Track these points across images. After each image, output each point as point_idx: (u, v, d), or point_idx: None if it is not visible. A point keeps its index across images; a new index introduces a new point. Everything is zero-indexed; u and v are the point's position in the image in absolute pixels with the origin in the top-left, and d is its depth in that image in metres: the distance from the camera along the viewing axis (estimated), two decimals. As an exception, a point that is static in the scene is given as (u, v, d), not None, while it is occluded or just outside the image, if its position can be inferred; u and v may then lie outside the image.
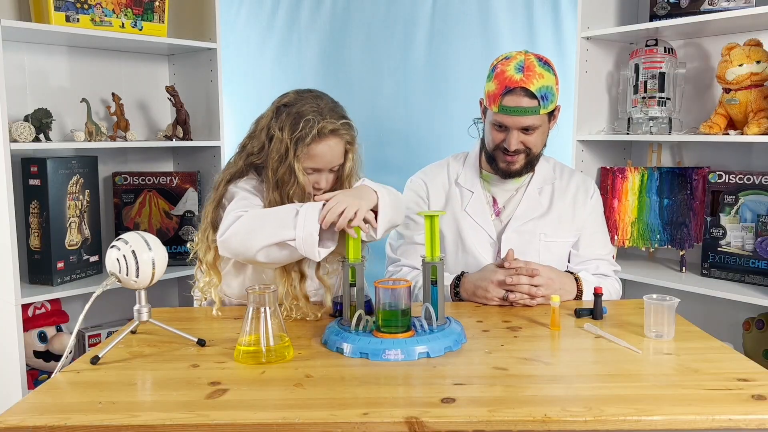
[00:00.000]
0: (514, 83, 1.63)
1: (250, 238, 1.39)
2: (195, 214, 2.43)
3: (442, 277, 1.36)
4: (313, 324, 1.47)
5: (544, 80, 1.64)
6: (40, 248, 2.09)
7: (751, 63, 1.99)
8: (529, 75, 1.63)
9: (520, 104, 1.64)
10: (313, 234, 1.36)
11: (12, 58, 2.13)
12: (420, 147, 2.75)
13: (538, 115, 1.66)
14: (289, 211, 1.41)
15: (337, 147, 1.52)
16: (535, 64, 1.65)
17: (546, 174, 1.84)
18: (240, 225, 1.41)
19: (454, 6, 2.72)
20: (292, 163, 1.48)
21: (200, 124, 2.47)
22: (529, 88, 1.62)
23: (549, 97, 1.65)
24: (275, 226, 1.39)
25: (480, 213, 1.80)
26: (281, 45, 2.83)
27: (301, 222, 1.37)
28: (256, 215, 1.43)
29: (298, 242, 1.37)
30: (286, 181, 1.49)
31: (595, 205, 1.85)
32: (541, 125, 1.70)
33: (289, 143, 1.48)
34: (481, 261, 1.76)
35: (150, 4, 2.25)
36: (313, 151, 1.49)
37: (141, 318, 1.31)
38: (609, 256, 1.85)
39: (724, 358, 1.25)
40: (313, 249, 1.37)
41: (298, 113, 1.49)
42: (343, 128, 1.52)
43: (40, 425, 0.98)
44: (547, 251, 1.77)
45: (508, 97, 1.64)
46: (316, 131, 1.47)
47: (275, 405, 1.04)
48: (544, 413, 0.99)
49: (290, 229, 1.37)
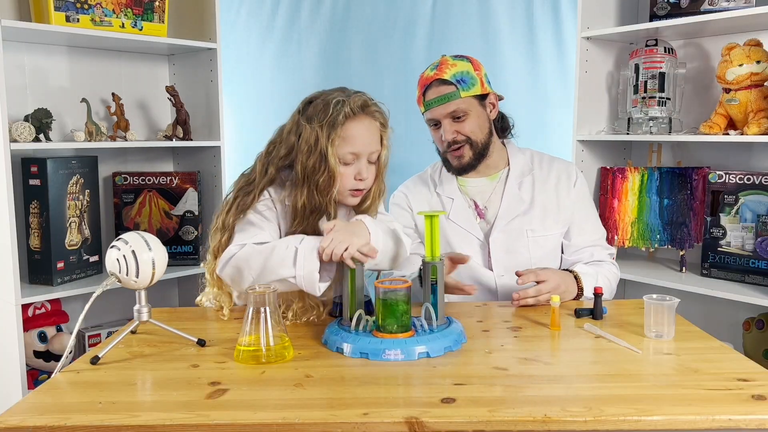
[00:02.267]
0: (429, 79, 1.73)
1: (248, 275, 1.39)
2: (195, 214, 2.43)
3: (443, 278, 1.36)
4: (313, 324, 1.47)
5: (458, 67, 1.72)
6: (40, 248, 2.09)
7: (751, 63, 1.99)
8: (441, 67, 1.73)
9: (439, 93, 1.72)
10: (313, 272, 1.35)
11: (12, 58, 2.13)
12: (420, 147, 2.74)
13: (460, 98, 1.71)
14: (287, 248, 1.38)
15: (372, 128, 1.48)
16: (448, 59, 1.75)
17: (523, 166, 1.83)
18: (237, 261, 1.40)
19: (454, 6, 2.72)
20: (324, 149, 1.41)
21: (200, 124, 2.47)
22: (443, 77, 1.71)
23: (467, 80, 1.71)
24: (275, 264, 1.37)
25: (464, 218, 1.79)
26: (281, 45, 2.83)
27: (301, 261, 1.36)
28: (255, 252, 1.40)
29: (298, 280, 1.36)
30: (316, 170, 1.43)
31: (580, 191, 1.83)
32: (470, 110, 1.73)
33: (320, 131, 1.41)
34: (472, 266, 1.75)
35: (150, 4, 2.25)
36: (347, 131, 1.43)
37: (141, 318, 1.31)
38: (602, 241, 1.84)
39: (724, 358, 1.24)
40: (313, 286, 1.37)
41: (325, 101, 1.45)
42: (374, 106, 1.49)
43: (40, 425, 0.98)
44: (536, 246, 1.76)
45: (428, 92, 1.74)
46: (349, 109, 1.43)
47: (275, 405, 1.04)
48: (544, 413, 0.99)
49: (290, 267, 1.36)
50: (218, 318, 1.55)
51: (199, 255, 2.44)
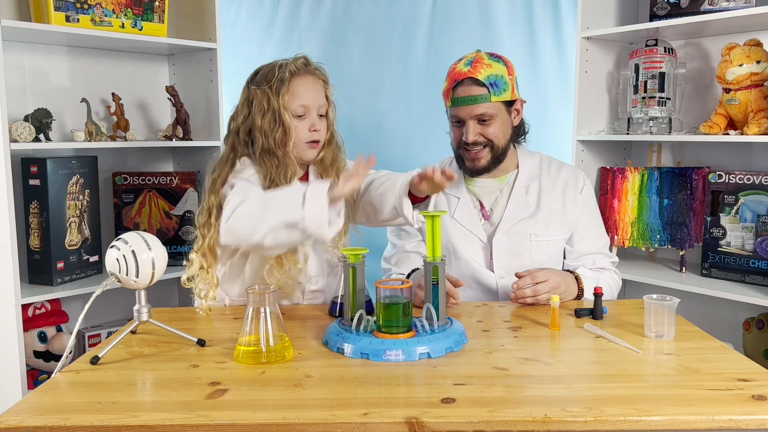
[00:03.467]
0: (462, 75, 1.69)
1: (257, 221, 1.36)
2: (195, 214, 2.42)
3: (443, 278, 1.36)
4: (313, 324, 1.47)
5: (493, 69, 1.69)
6: (40, 248, 2.09)
7: (751, 63, 1.99)
8: (476, 66, 1.69)
9: (469, 93, 1.68)
10: (322, 214, 1.31)
11: (12, 58, 2.13)
12: (420, 147, 2.75)
13: (490, 102, 1.68)
14: (295, 191, 1.36)
15: (315, 84, 1.59)
16: (484, 57, 1.72)
17: (531, 170, 1.82)
18: (246, 208, 1.39)
19: (454, 6, 2.72)
20: (276, 107, 1.52)
21: (200, 124, 2.47)
22: (476, 77, 1.67)
23: (500, 84, 1.68)
24: (282, 207, 1.35)
25: (468, 218, 1.79)
26: (281, 45, 2.82)
27: (309, 201, 1.31)
28: (262, 198, 1.42)
29: (306, 221, 1.31)
30: (273, 128, 1.53)
31: (586, 199, 1.83)
32: (497, 114, 1.71)
33: (269, 91, 1.53)
34: (474, 266, 1.76)
35: (150, 4, 2.25)
36: (294, 87, 1.55)
37: (141, 318, 1.31)
38: (605, 249, 1.84)
39: (724, 358, 1.25)
40: (322, 228, 1.31)
41: (270, 67, 1.58)
42: (314, 65, 1.61)
43: (40, 425, 0.98)
44: (539, 250, 1.77)
45: (458, 89, 1.70)
46: (293, 66, 1.55)
47: (275, 405, 1.04)
48: (544, 413, 0.99)
49: (298, 208, 1.32)
50: (218, 318, 1.55)
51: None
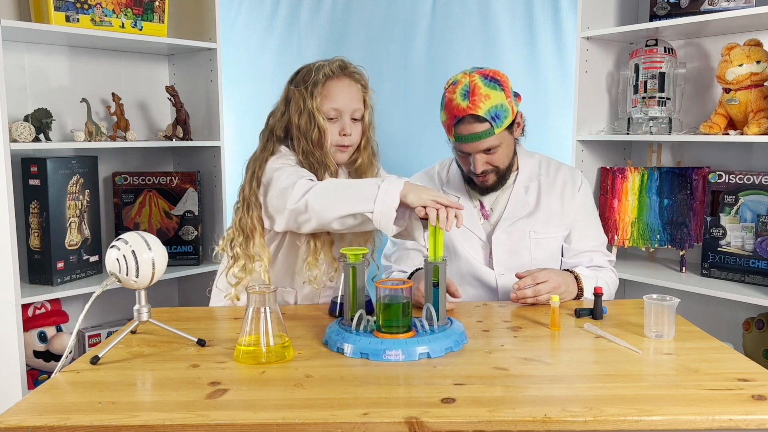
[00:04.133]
0: (461, 112, 1.62)
1: (331, 206, 1.40)
2: (195, 214, 2.43)
3: (444, 278, 1.36)
4: (313, 324, 1.47)
5: (491, 100, 1.61)
6: (40, 248, 2.09)
7: (751, 63, 1.99)
8: (474, 100, 1.60)
9: (472, 131, 1.63)
10: (391, 210, 1.36)
11: (12, 58, 2.13)
12: (420, 147, 2.75)
13: (494, 135, 1.64)
14: (371, 184, 1.41)
15: (351, 87, 1.62)
16: (480, 85, 1.61)
17: (531, 171, 1.83)
18: (319, 191, 1.42)
19: (454, 6, 2.72)
20: (311, 108, 1.56)
21: (200, 124, 2.47)
22: (477, 113, 1.60)
23: (501, 115, 1.63)
24: (356, 197, 1.39)
25: (468, 217, 1.79)
26: (281, 45, 2.83)
27: (382, 197, 1.36)
28: (336, 185, 1.45)
29: (375, 215, 1.36)
30: (308, 128, 1.57)
31: (584, 197, 1.84)
32: (502, 142, 1.68)
33: (305, 92, 1.57)
34: (474, 264, 1.76)
35: (150, 4, 2.25)
36: (328, 90, 1.59)
37: (141, 318, 1.31)
38: (602, 247, 1.84)
39: (724, 358, 1.25)
40: (388, 223, 1.36)
41: (308, 68, 1.61)
42: (353, 68, 1.63)
43: (40, 425, 0.98)
44: (538, 248, 1.77)
45: (460, 126, 1.64)
46: (328, 69, 1.59)
47: (275, 405, 1.04)
48: (544, 413, 0.99)
49: (370, 201, 1.37)
50: (218, 318, 1.55)
51: (199, 255, 2.44)
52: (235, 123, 2.73)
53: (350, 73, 1.62)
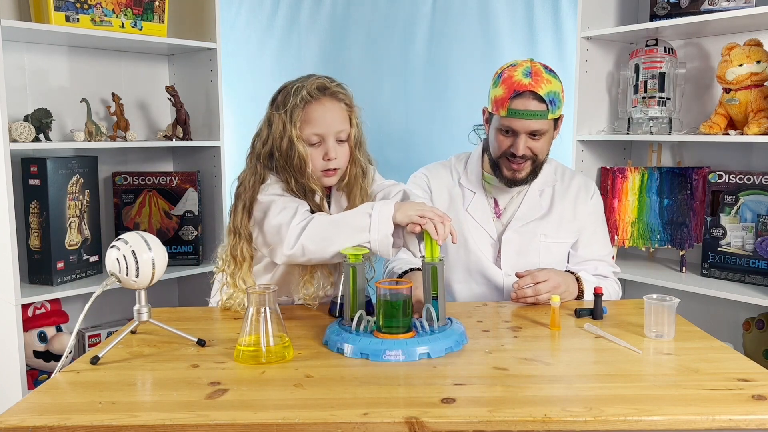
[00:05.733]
0: (523, 87, 1.63)
1: (327, 245, 1.41)
2: (195, 214, 2.43)
3: (443, 282, 1.36)
4: (313, 324, 1.47)
5: (552, 86, 1.65)
6: (40, 248, 2.09)
7: (751, 63, 1.99)
8: (537, 79, 1.64)
9: (528, 107, 1.64)
10: (388, 236, 1.39)
11: (12, 58, 2.13)
12: (420, 147, 2.75)
13: (546, 119, 1.66)
14: (361, 214, 1.41)
15: (335, 108, 1.52)
16: (542, 70, 1.66)
17: (547, 176, 1.84)
18: (312, 233, 1.41)
19: (454, 6, 2.72)
20: (291, 135, 1.48)
21: (200, 124, 2.47)
22: (538, 91, 1.63)
23: (556, 102, 1.66)
24: (350, 231, 1.40)
25: (481, 213, 1.80)
26: (281, 45, 2.82)
27: (375, 226, 1.39)
28: (327, 222, 1.44)
29: (373, 244, 1.39)
30: (290, 154, 1.49)
31: (595, 206, 1.86)
32: (548, 131, 1.70)
33: (285, 117, 1.49)
34: (482, 260, 1.77)
35: (150, 4, 2.25)
36: (308, 114, 1.49)
37: (141, 318, 1.31)
38: (608, 258, 1.85)
39: (724, 358, 1.25)
40: (387, 249, 1.40)
41: (287, 90, 1.52)
42: (334, 87, 1.52)
43: (40, 425, 0.98)
44: (547, 252, 1.78)
45: (516, 100, 1.64)
46: (306, 93, 1.49)
47: (275, 405, 1.04)
48: (544, 413, 0.99)
49: (365, 232, 1.39)
50: (218, 318, 1.55)
51: (199, 255, 2.44)
52: (234, 123, 2.73)
53: (332, 93, 1.52)
